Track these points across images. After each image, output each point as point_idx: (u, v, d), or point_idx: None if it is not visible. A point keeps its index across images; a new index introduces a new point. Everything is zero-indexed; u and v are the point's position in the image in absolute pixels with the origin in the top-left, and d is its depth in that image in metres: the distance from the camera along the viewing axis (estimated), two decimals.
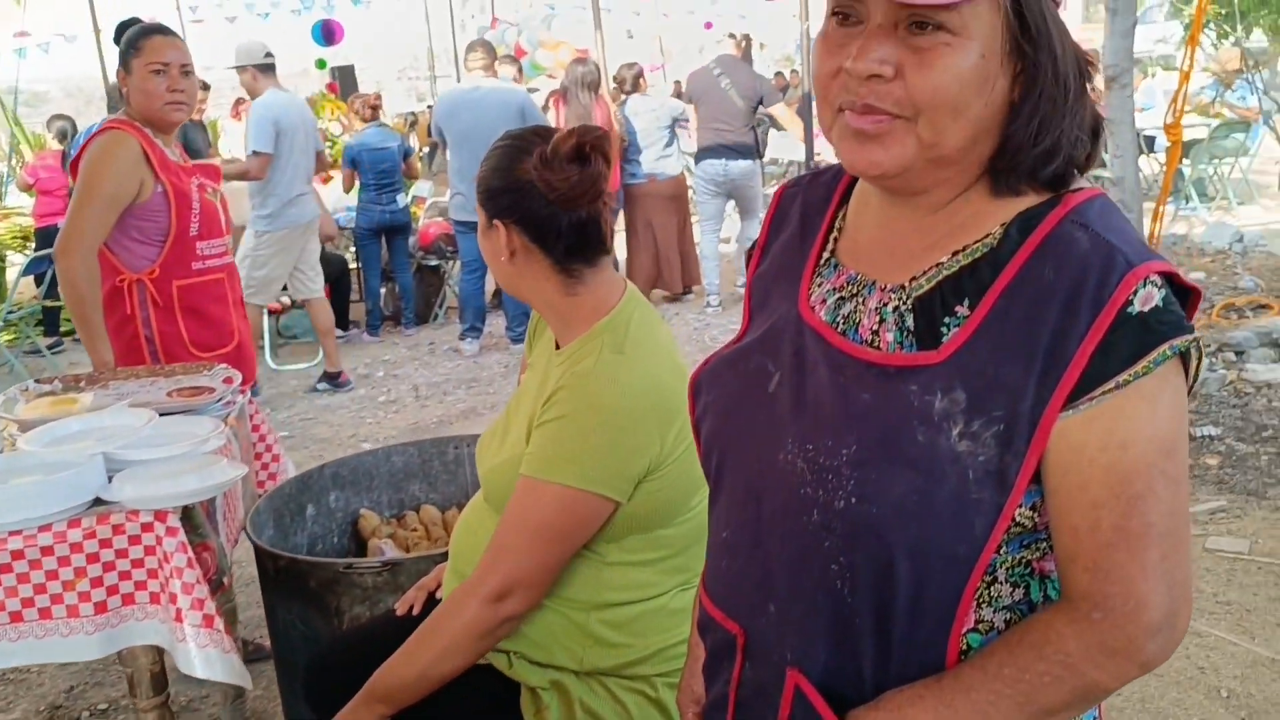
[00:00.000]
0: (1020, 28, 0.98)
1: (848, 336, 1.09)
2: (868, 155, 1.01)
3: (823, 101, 1.04)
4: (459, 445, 2.98)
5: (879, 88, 0.98)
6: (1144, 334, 0.95)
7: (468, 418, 5.84)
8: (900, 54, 0.97)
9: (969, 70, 0.96)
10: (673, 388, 1.80)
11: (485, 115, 6.59)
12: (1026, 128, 1.00)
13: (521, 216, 1.84)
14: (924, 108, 0.97)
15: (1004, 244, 1.02)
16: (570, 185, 1.78)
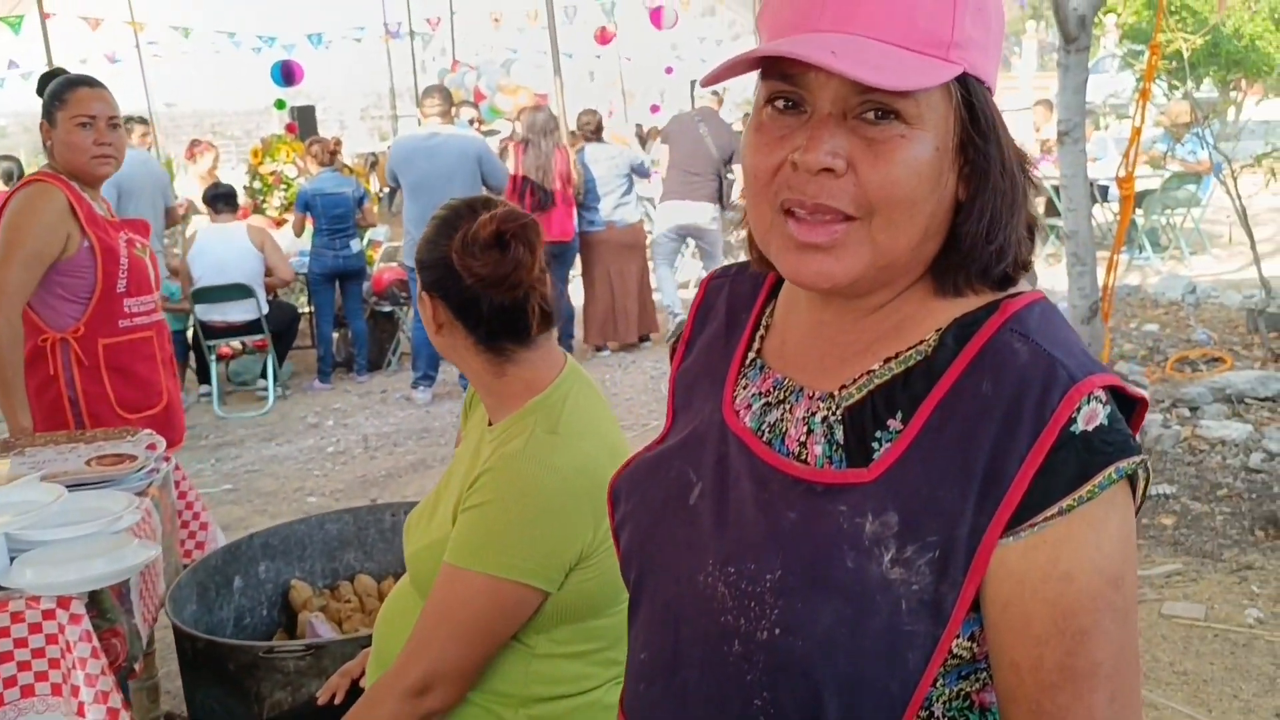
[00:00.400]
0: (970, 119, 0.92)
1: (773, 447, 1.01)
2: (817, 266, 0.92)
3: (759, 199, 0.95)
4: (396, 512, 2.88)
5: (830, 184, 0.90)
6: (1088, 456, 0.88)
7: (417, 470, 5.72)
8: (851, 146, 0.89)
9: (925, 164, 0.90)
10: (608, 471, 1.72)
11: (441, 162, 6.53)
12: (978, 226, 0.94)
13: (446, 293, 1.78)
14: (879, 205, 0.90)
15: (939, 353, 0.95)
16: (488, 272, 1.72)
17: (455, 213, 1.80)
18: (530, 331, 1.80)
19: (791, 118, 0.92)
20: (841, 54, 0.84)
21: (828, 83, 0.88)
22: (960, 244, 0.95)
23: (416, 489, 5.38)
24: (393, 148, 7.21)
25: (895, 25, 0.87)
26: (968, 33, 0.89)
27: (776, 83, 0.92)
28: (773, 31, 0.93)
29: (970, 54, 0.90)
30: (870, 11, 0.87)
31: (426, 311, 1.81)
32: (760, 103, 0.94)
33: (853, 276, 0.92)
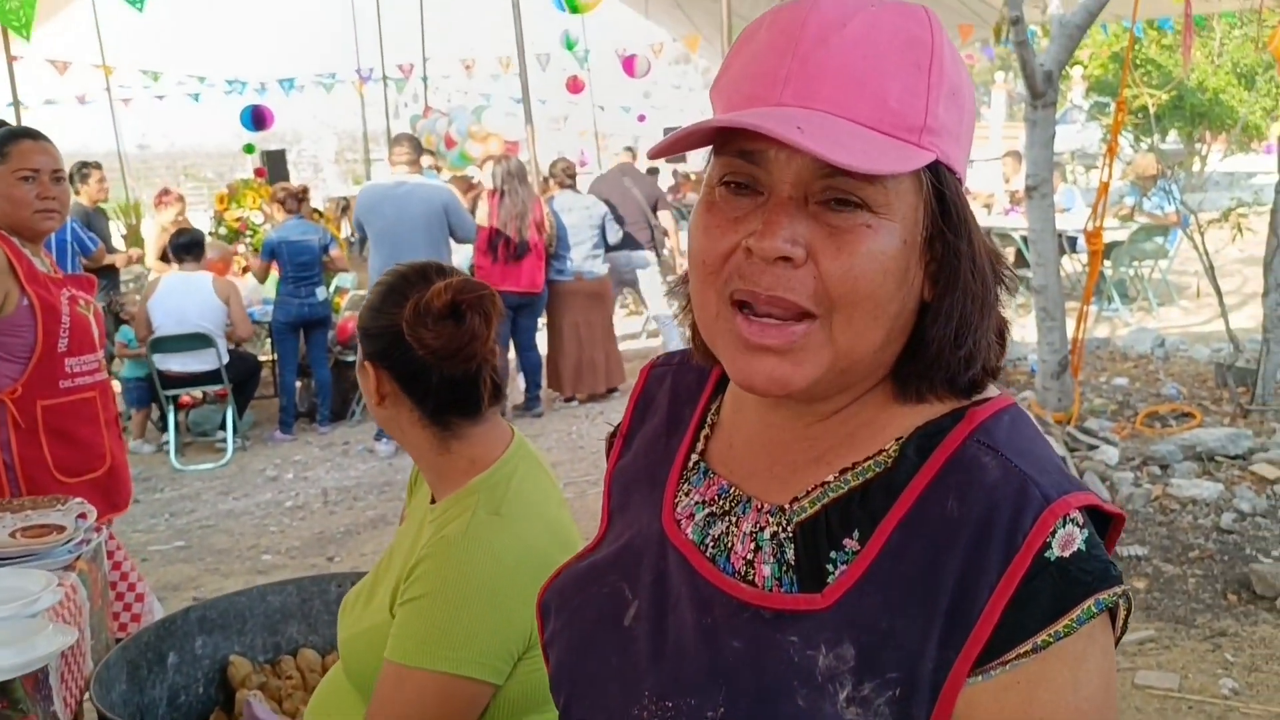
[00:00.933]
0: (941, 212, 0.84)
1: (718, 564, 0.92)
2: (769, 371, 0.83)
3: (706, 286, 0.86)
4: (342, 583, 2.74)
5: (787, 274, 0.81)
6: (1065, 585, 0.79)
7: (376, 526, 5.57)
8: (812, 234, 0.81)
9: (891, 258, 0.81)
10: (554, 554, 1.62)
11: (407, 212, 6.46)
12: (945, 329, 0.85)
13: (392, 364, 1.68)
14: (840, 301, 0.81)
15: (900, 465, 0.87)
16: (442, 344, 1.62)
17: (404, 279, 1.71)
18: (481, 406, 1.71)
19: (747, 199, 0.83)
20: (809, 130, 0.76)
21: (789, 163, 0.80)
22: (926, 348, 0.86)
23: (375, 546, 5.24)
24: (359, 195, 7.13)
25: (864, 104, 0.80)
26: (941, 118, 0.82)
27: (732, 160, 0.83)
28: (730, 103, 0.85)
29: (943, 141, 0.83)
30: (837, 88, 0.80)
31: (369, 382, 1.71)
32: (713, 181, 0.86)
33: (809, 382, 0.83)
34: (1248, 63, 14.63)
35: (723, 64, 0.89)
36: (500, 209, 7.25)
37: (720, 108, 0.87)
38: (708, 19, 15.26)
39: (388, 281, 1.73)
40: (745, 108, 0.82)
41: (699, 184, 5.69)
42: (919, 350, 0.87)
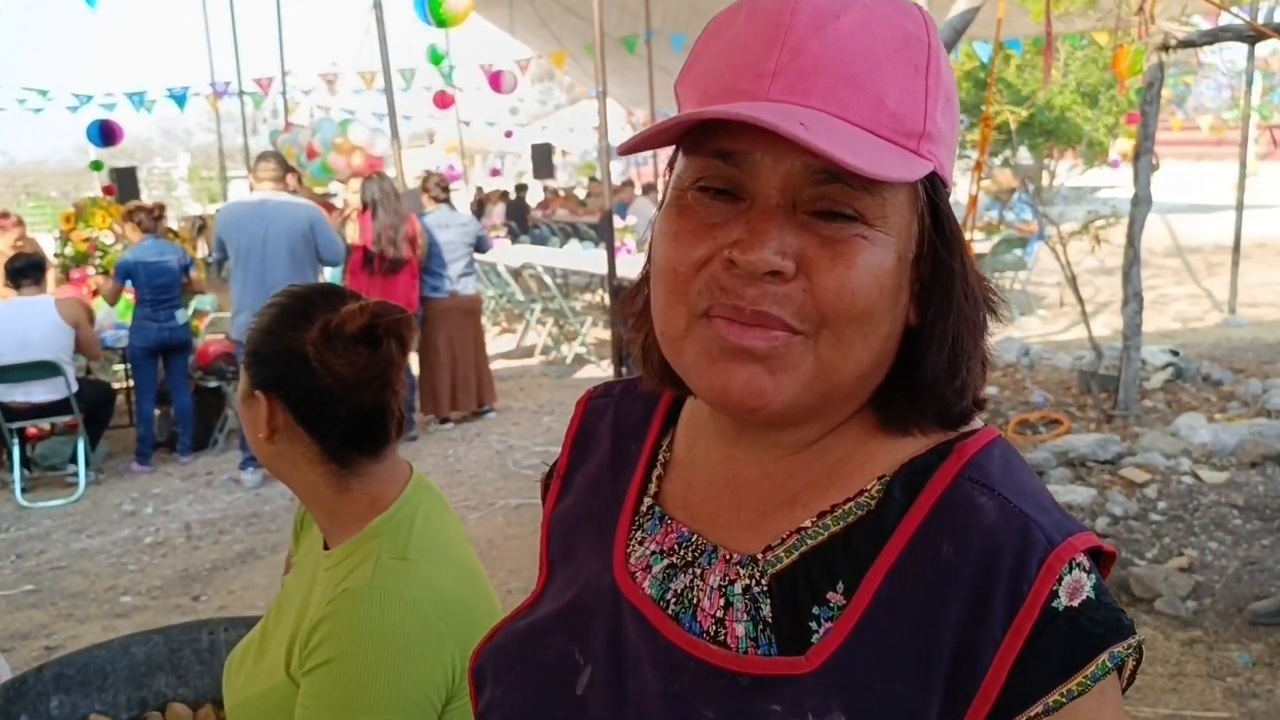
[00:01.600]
0: (935, 226, 0.76)
1: (682, 623, 0.81)
2: (746, 379, 0.73)
3: (675, 299, 0.76)
4: (214, 630, 2.54)
5: (774, 289, 0.71)
6: (1076, 639, 0.71)
7: (245, 561, 5.29)
8: (802, 244, 0.72)
9: (888, 274, 0.73)
10: (469, 597, 1.50)
11: (273, 230, 6.20)
12: (939, 356, 0.77)
13: (290, 393, 1.50)
14: (832, 318, 0.72)
15: (885, 507, 0.77)
16: (354, 371, 1.47)
17: (303, 300, 1.54)
18: (388, 441, 1.56)
19: (725, 204, 0.74)
20: (812, 127, 0.67)
21: (776, 166, 0.71)
22: (919, 377, 0.78)
23: (244, 583, 4.97)
24: (220, 213, 6.78)
25: (861, 104, 0.71)
26: (939, 124, 0.75)
27: (709, 161, 0.74)
28: (705, 96, 0.75)
29: (939, 150, 0.76)
30: (833, 84, 0.71)
31: (258, 413, 1.52)
32: (683, 184, 0.76)
33: (788, 398, 0.74)
34: (1091, 82, 15.30)
35: (690, 56, 0.79)
36: (373, 225, 7.04)
37: (692, 102, 0.77)
38: (573, 36, 15.23)
39: (283, 302, 1.55)
40: (725, 101, 0.72)
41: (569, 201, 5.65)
42: (910, 379, 0.78)
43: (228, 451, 7.26)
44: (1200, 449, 5.50)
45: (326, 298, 1.54)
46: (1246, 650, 3.69)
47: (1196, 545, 4.53)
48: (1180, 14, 6.65)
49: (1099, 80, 15.10)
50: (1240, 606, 3.99)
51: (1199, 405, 6.57)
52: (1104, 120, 15.76)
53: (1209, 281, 10.58)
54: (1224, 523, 4.73)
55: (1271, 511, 4.82)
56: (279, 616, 1.59)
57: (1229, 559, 4.40)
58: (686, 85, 0.78)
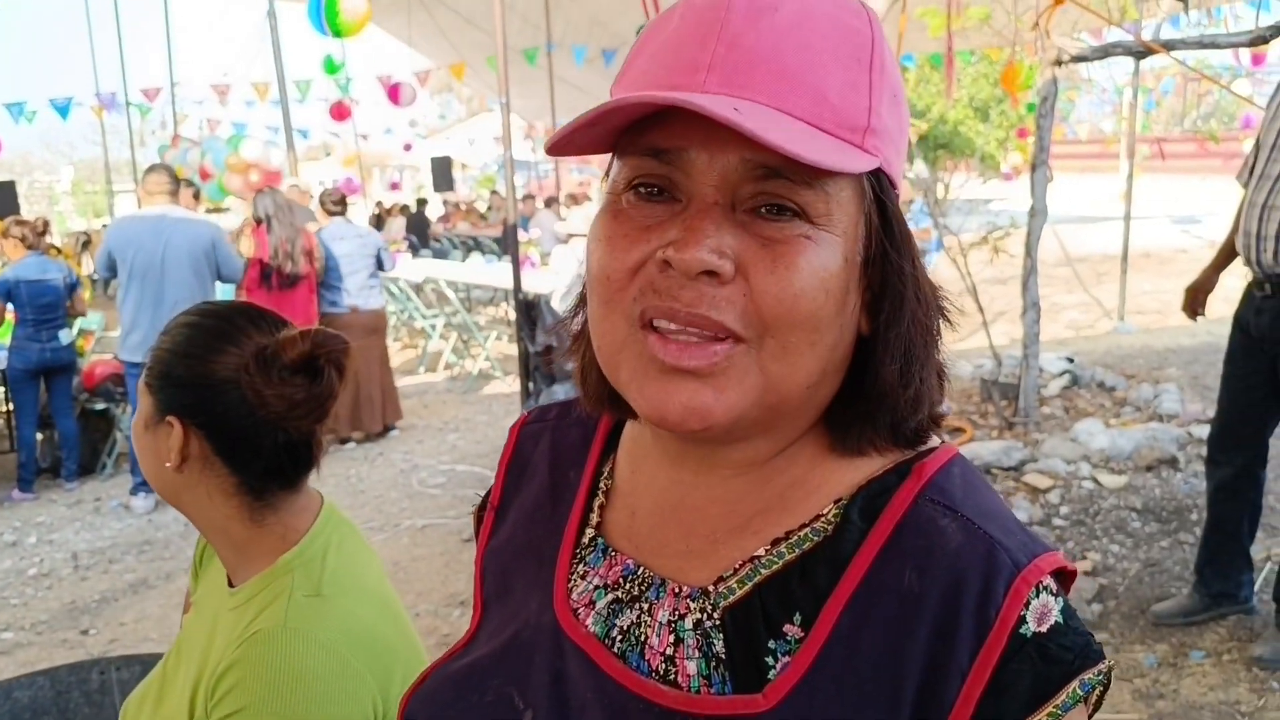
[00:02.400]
0: (884, 227, 0.72)
1: (629, 662, 0.75)
2: (687, 398, 0.68)
3: (611, 308, 0.71)
4: (105, 670, 2.39)
5: (711, 291, 0.67)
6: (1045, 666, 0.68)
7: (137, 591, 5.06)
8: (741, 244, 0.67)
9: (833, 276, 0.69)
10: (388, 633, 1.41)
11: (172, 247, 5.97)
12: (891, 366, 0.73)
13: (210, 422, 1.39)
14: (774, 324, 0.67)
15: (843, 533, 0.73)
16: (289, 405, 1.37)
17: (226, 322, 1.42)
18: (309, 471, 1.47)
19: (661, 205, 0.69)
20: (747, 114, 0.63)
21: (713, 163, 0.67)
22: (870, 389, 0.73)
23: (136, 614, 4.74)
24: (112, 229, 6.48)
25: (800, 97, 0.67)
26: (884, 120, 0.71)
27: (642, 160, 0.69)
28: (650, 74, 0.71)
29: (885, 147, 0.72)
30: (771, 76, 0.67)
31: (164, 441, 1.40)
32: (618, 187, 0.71)
33: (735, 415, 0.69)
34: (983, 97, 15.72)
35: (626, 59, 0.75)
36: (269, 239, 6.84)
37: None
38: (473, 47, 15.09)
39: (201, 322, 1.43)
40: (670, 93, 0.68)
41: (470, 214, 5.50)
42: (860, 391, 0.74)
43: (117, 476, 6.97)
44: (1099, 454, 5.63)
45: (252, 319, 1.43)
46: (1151, 651, 3.77)
47: (1099, 549, 4.62)
48: (1071, 30, 6.83)
49: (990, 96, 15.51)
50: (1143, 608, 4.07)
51: (1095, 411, 6.74)
52: (995, 134, 16.19)
53: (1098, 290, 10.89)
54: (1124, 526, 4.84)
55: (1168, 514, 4.94)
56: (179, 659, 1.48)
57: (1130, 561, 4.50)
58: (622, 89, 0.72)
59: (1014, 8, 6.56)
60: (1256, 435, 3.76)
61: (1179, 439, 5.79)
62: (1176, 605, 3.97)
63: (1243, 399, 3.74)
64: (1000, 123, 16.14)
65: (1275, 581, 3.74)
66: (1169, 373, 7.78)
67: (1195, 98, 15.09)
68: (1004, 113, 15.73)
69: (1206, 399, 6.78)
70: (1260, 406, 3.71)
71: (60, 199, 31.67)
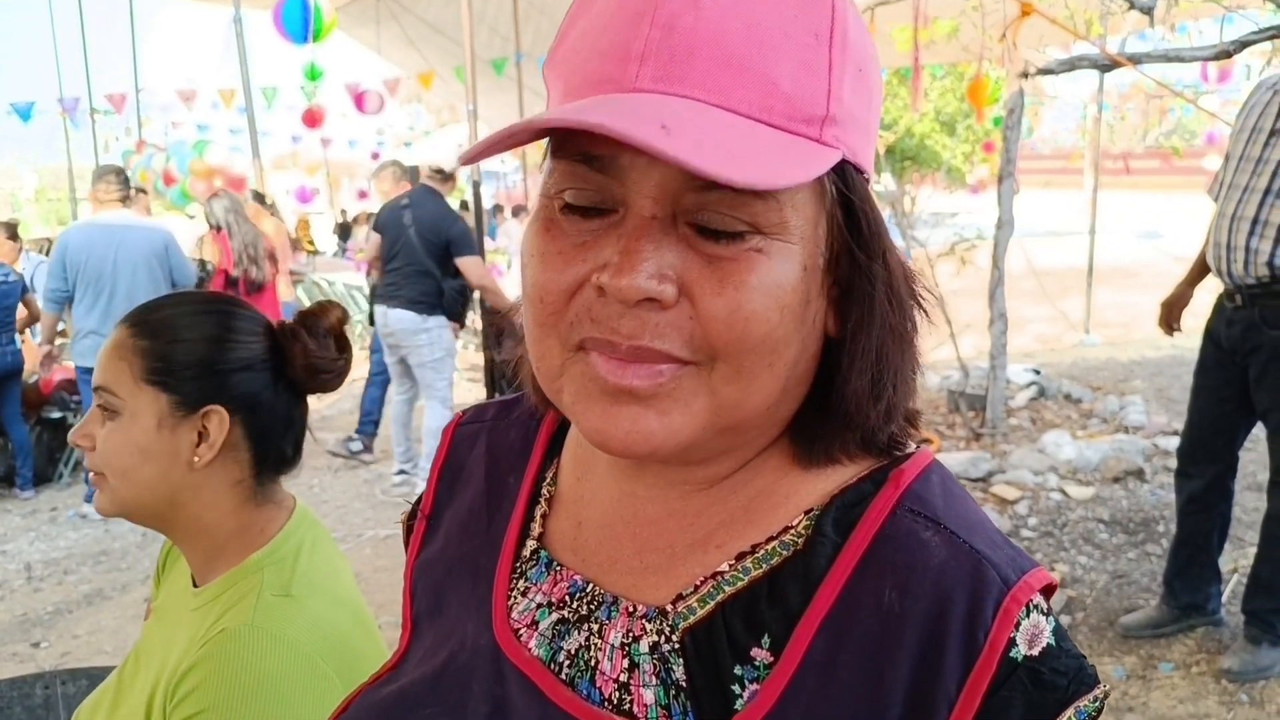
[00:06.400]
0: (849, 225, 0.65)
1: (578, 689, 0.69)
2: (630, 423, 0.62)
3: (547, 332, 0.64)
4: (50, 684, 2.31)
5: (654, 318, 0.60)
6: (1038, 693, 0.63)
7: (92, 603, 4.93)
8: (685, 264, 0.60)
9: (790, 290, 0.62)
10: (357, 638, 1.36)
11: (125, 253, 5.87)
12: (861, 377, 0.66)
13: (250, 404, 1.39)
14: (726, 350, 0.61)
15: (815, 546, 0.67)
16: (327, 367, 1.45)
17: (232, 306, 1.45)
18: (299, 456, 1.50)
19: (595, 219, 0.62)
20: (677, 129, 0.55)
21: (650, 170, 0.60)
22: (840, 402, 0.67)
23: (90, 626, 4.63)
24: (65, 234, 6.32)
25: (748, 88, 0.60)
26: (847, 103, 0.63)
27: (574, 166, 0.62)
28: (569, 84, 0.63)
29: (849, 134, 0.64)
30: (713, 65, 0.59)
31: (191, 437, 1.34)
32: (549, 192, 0.64)
33: (681, 442, 0.63)
34: (949, 111, 15.82)
35: (559, 31, 0.68)
36: (231, 245, 6.74)
37: (557, 91, 0.65)
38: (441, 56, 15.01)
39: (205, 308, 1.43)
40: (589, 93, 0.61)
41: None
42: (828, 403, 0.68)
43: (74, 485, 6.83)
44: (1066, 465, 5.64)
45: (239, 305, 1.46)
46: (1120, 663, 3.75)
47: (1067, 560, 4.61)
48: (1038, 44, 6.87)
49: (957, 109, 15.62)
50: (1111, 620, 4.06)
51: (1061, 423, 6.75)
52: (961, 148, 16.30)
53: (1064, 303, 10.96)
54: (1092, 537, 4.83)
55: (1135, 525, 4.94)
56: (137, 665, 1.42)
57: (1098, 573, 4.49)
58: (553, 67, 0.66)
59: (981, 21, 6.59)
60: (1227, 447, 3.76)
61: (1145, 450, 5.81)
62: (1145, 617, 3.96)
63: (1214, 410, 3.74)
64: (966, 136, 16.25)
65: (1244, 593, 3.74)
66: (1134, 385, 7.83)
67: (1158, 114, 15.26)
68: (970, 127, 15.85)
69: (1172, 411, 6.82)
70: (1231, 418, 3.71)
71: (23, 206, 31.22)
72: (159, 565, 1.60)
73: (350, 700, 0.79)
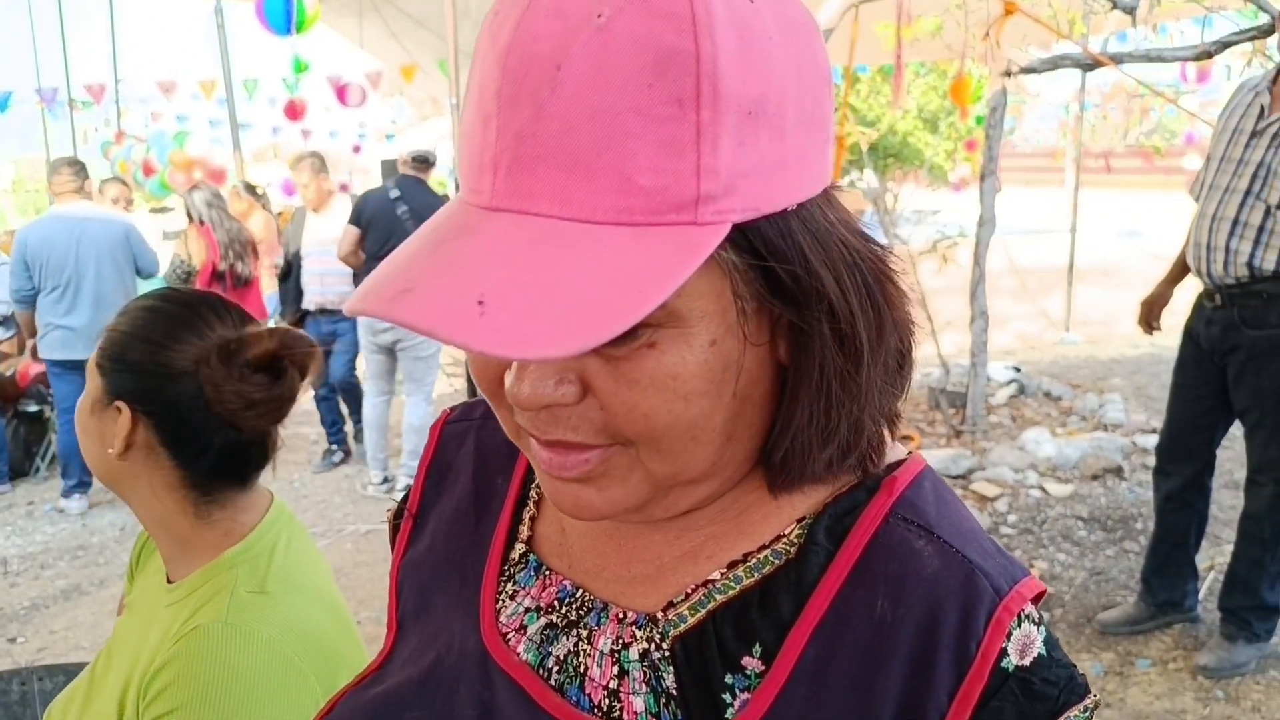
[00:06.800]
0: (768, 283, 0.60)
1: (567, 695, 0.69)
2: (575, 500, 0.63)
3: (496, 403, 0.64)
4: (26, 680, 2.29)
5: (564, 413, 0.60)
6: (1029, 704, 0.63)
7: (69, 598, 4.90)
8: (584, 364, 0.58)
9: (693, 373, 0.58)
10: (334, 635, 1.34)
11: (87, 244, 5.84)
12: (811, 424, 0.63)
13: (160, 412, 1.32)
14: (639, 438, 0.60)
15: (808, 555, 0.66)
16: (247, 403, 1.31)
17: (190, 310, 1.36)
18: (260, 470, 1.41)
19: None
20: (495, 303, 0.51)
21: None
22: (791, 447, 0.65)
23: (67, 622, 4.60)
24: (22, 233, 6.18)
25: (600, 192, 0.54)
26: (730, 164, 0.55)
27: None
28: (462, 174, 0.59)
29: (741, 194, 0.56)
30: (559, 173, 0.54)
31: (113, 426, 1.33)
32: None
33: (628, 508, 0.63)
34: (932, 109, 15.86)
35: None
36: (216, 238, 6.69)
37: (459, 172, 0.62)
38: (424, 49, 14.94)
39: (164, 307, 1.36)
40: (466, 197, 0.58)
41: None
42: (782, 449, 0.65)
43: (52, 480, 6.77)
44: (1045, 462, 5.66)
45: (217, 311, 1.37)
46: (1098, 660, 3.77)
47: (1046, 557, 4.64)
48: (1021, 43, 6.89)
49: (939, 107, 15.66)
50: (1089, 616, 4.08)
51: (1041, 420, 6.78)
52: (944, 146, 16.34)
53: (1044, 301, 11.00)
54: (1070, 534, 4.86)
55: (1114, 522, 4.97)
56: (109, 661, 1.41)
57: (1077, 570, 4.51)
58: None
59: (965, 20, 6.61)
60: (1205, 445, 3.79)
61: (1124, 448, 5.84)
62: (1122, 614, 3.98)
63: (1192, 409, 3.76)
64: (949, 134, 16.29)
65: (1220, 590, 3.77)
66: (1114, 383, 7.87)
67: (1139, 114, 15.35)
68: (953, 124, 15.89)
69: (1150, 409, 6.86)
70: (1209, 416, 3.74)
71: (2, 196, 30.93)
72: (132, 560, 1.60)
73: (335, 701, 0.78)
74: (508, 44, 0.55)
